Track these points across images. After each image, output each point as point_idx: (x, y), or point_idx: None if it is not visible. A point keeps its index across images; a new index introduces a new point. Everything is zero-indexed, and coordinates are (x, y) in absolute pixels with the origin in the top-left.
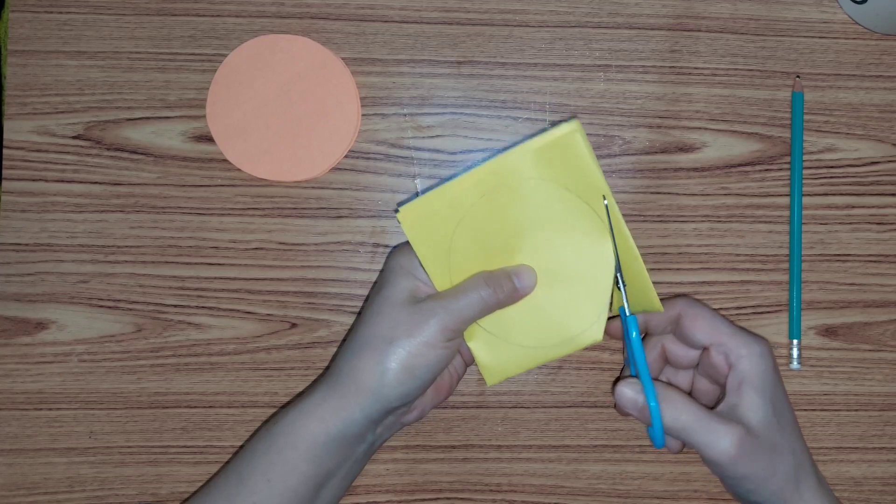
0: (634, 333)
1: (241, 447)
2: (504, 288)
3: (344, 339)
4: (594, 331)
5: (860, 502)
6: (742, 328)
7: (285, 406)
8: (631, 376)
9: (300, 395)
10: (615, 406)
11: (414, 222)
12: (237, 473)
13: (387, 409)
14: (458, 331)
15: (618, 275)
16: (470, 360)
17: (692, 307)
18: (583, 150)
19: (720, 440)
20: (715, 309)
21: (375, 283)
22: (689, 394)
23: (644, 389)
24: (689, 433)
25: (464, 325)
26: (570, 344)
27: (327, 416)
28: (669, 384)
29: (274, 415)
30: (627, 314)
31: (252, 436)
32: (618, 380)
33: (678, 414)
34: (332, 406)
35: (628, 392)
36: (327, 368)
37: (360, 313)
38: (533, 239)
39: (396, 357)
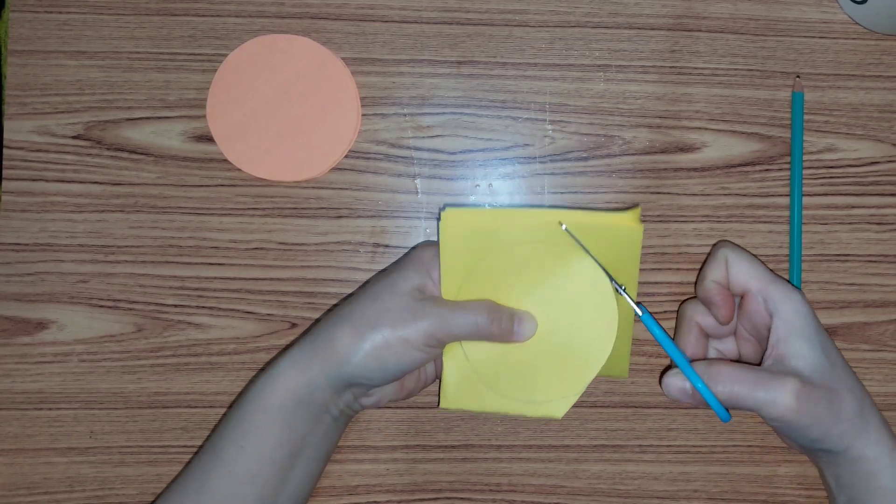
0: (656, 329)
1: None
2: (503, 325)
3: (335, 306)
4: (558, 406)
5: None
6: (779, 276)
7: (255, 376)
8: (675, 367)
9: (269, 363)
10: (672, 400)
11: (453, 228)
12: (212, 446)
13: (348, 382)
14: (442, 341)
15: (613, 283)
16: (440, 373)
17: (734, 251)
18: (637, 245)
19: (777, 396)
20: None
21: (395, 264)
22: (739, 360)
23: (687, 375)
24: (746, 399)
25: (449, 339)
26: (531, 407)
27: (294, 379)
28: (712, 359)
29: (245, 387)
30: (639, 313)
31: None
32: (664, 373)
33: (729, 385)
34: (299, 368)
35: (675, 382)
36: (305, 332)
37: (360, 288)
38: (547, 299)
39: (372, 342)
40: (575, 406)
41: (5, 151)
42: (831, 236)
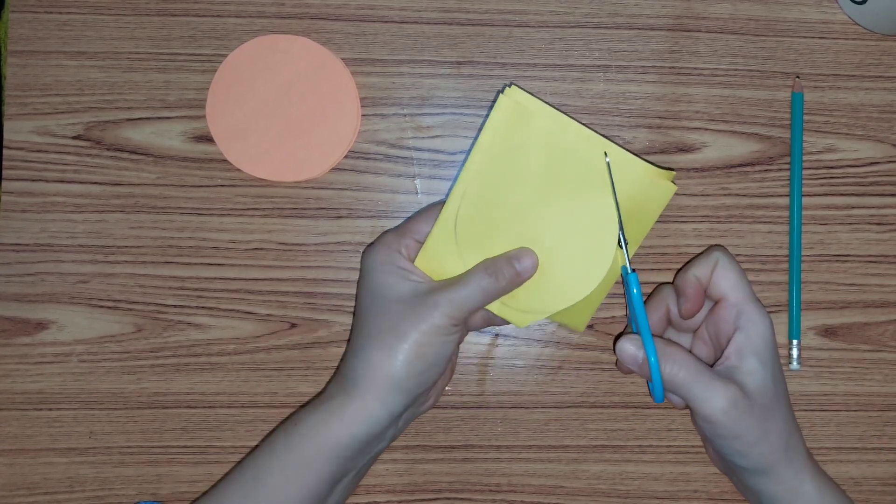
0: (635, 290)
1: (256, 447)
2: (505, 275)
3: (348, 342)
4: (523, 317)
5: (860, 502)
6: (757, 299)
7: (303, 408)
8: (633, 333)
9: (317, 399)
10: (616, 363)
11: (509, 107)
12: (254, 471)
13: (408, 400)
14: (462, 319)
15: (620, 233)
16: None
17: (727, 258)
18: (662, 204)
19: (715, 396)
20: None
21: (361, 284)
22: None
23: (644, 345)
24: (686, 388)
25: (468, 314)
26: (497, 305)
27: (350, 419)
28: (670, 340)
29: (289, 418)
30: (629, 272)
31: (267, 436)
32: (619, 336)
33: (677, 369)
34: (354, 408)
35: (629, 347)
36: (335, 373)
37: (355, 316)
38: (553, 215)
39: (407, 348)
40: (575, 406)
41: (5, 152)
42: (831, 236)
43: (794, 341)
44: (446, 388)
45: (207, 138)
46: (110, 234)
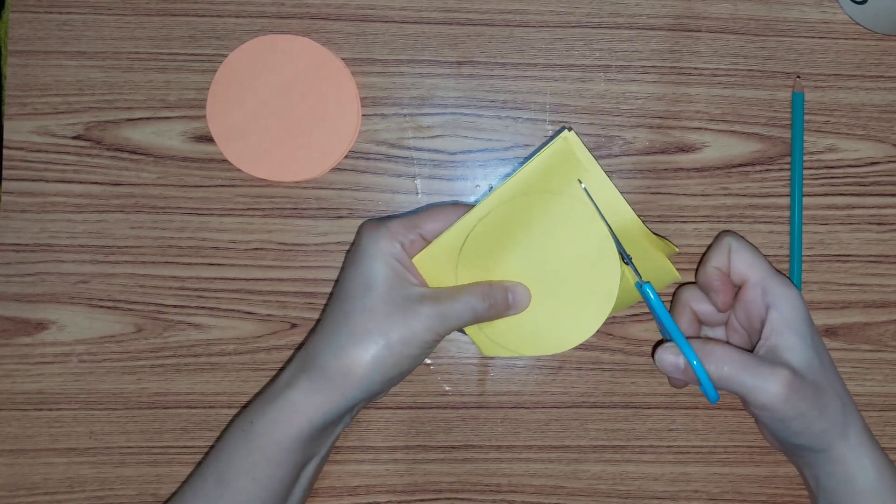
0: (653, 296)
1: (212, 447)
2: (498, 303)
3: (319, 321)
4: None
5: None
6: (779, 271)
7: (257, 399)
8: (667, 341)
9: (273, 386)
10: (669, 381)
11: (428, 269)
12: (216, 475)
13: (371, 398)
14: (445, 334)
15: (621, 252)
16: None
17: (738, 240)
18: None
19: (768, 382)
20: None
21: (352, 262)
22: None
23: (682, 350)
24: (736, 381)
25: (451, 331)
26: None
27: (311, 411)
28: (707, 338)
29: (242, 412)
30: (641, 283)
31: (222, 435)
32: (655, 348)
33: (722, 365)
34: (316, 401)
35: (668, 356)
36: (298, 352)
37: (335, 294)
38: (533, 250)
39: (385, 354)
40: (575, 406)
41: (5, 152)
42: (831, 236)
43: None
44: (447, 388)
45: (207, 138)
46: (110, 234)
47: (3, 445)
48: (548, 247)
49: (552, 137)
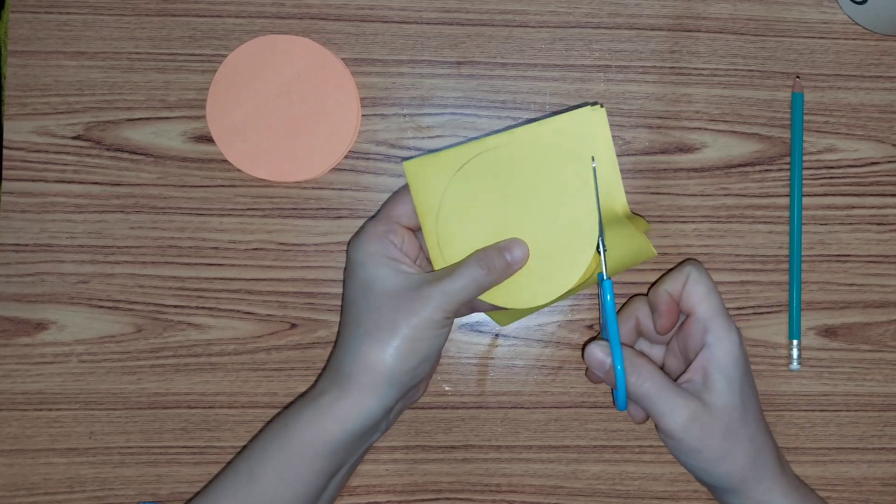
0: (609, 297)
1: (246, 446)
2: (497, 266)
3: (338, 335)
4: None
5: (860, 503)
6: (728, 314)
7: (293, 405)
8: (604, 340)
9: (307, 395)
10: (586, 371)
11: (417, 178)
12: (248, 472)
13: (401, 393)
14: (454, 311)
15: (600, 240)
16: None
17: (698, 272)
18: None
19: (676, 411)
20: None
21: (350, 276)
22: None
23: (612, 353)
24: (649, 401)
25: (460, 306)
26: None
27: (344, 415)
28: (640, 352)
29: (279, 414)
30: (605, 278)
31: (258, 434)
32: (589, 342)
33: (642, 381)
34: (348, 404)
35: (598, 353)
36: (325, 367)
37: (344, 308)
38: (520, 202)
39: (400, 343)
40: (575, 406)
41: (5, 152)
42: (831, 236)
43: (795, 341)
44: (447, 388)
45: (207, 138)
46: (110, 235)
47: (3, 445)
48: (532, 205)
49: (581, 106)
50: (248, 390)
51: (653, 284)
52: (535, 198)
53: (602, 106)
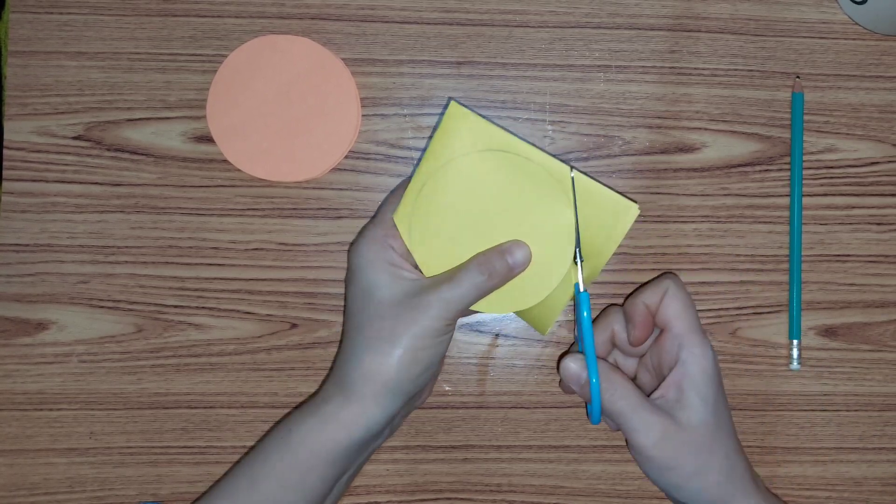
0: (585, 312)
1: (250, 451)
2: (498, 270)
3: (340, 343)
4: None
5: (860, 502)
6: (703, 330)
7: (296, 412)
8: (579, 352)
9: (311, 402)
10: (559, 382)
11: (451, 122)
12: (249, 479)
13: (404, 400)
14: (455, 318)
15: (576, 250)
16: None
17: (676, 287)
18: (626, 225)
19: (648, 428)
20: (715, 309)
21: (351, 283)
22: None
23: (588, 366)
24: (623, 417)
25: (461, 313)
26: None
27: (347, 423)
28: (615, 367)
29: (282, 421)
30: (581, 290)
31: (260, 441)
32: (564, 355)
33: (618, 398)
34: (351, 413)
35: (573, 367)
36: (329, 374)
37: (346, 315)
38: (502, 206)
39: (402, 353)
40: (575, 406)
41: (5, 152)
42: (831, 236)
43: (795, 341)
44: (447, 388)
45: (207, 138)
46: (110, 235)
47: (3, 445)
48: (512, 211)
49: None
50: (249, 390)
51: (629, 295)
52: (517, 205)
53: (639, 209)
